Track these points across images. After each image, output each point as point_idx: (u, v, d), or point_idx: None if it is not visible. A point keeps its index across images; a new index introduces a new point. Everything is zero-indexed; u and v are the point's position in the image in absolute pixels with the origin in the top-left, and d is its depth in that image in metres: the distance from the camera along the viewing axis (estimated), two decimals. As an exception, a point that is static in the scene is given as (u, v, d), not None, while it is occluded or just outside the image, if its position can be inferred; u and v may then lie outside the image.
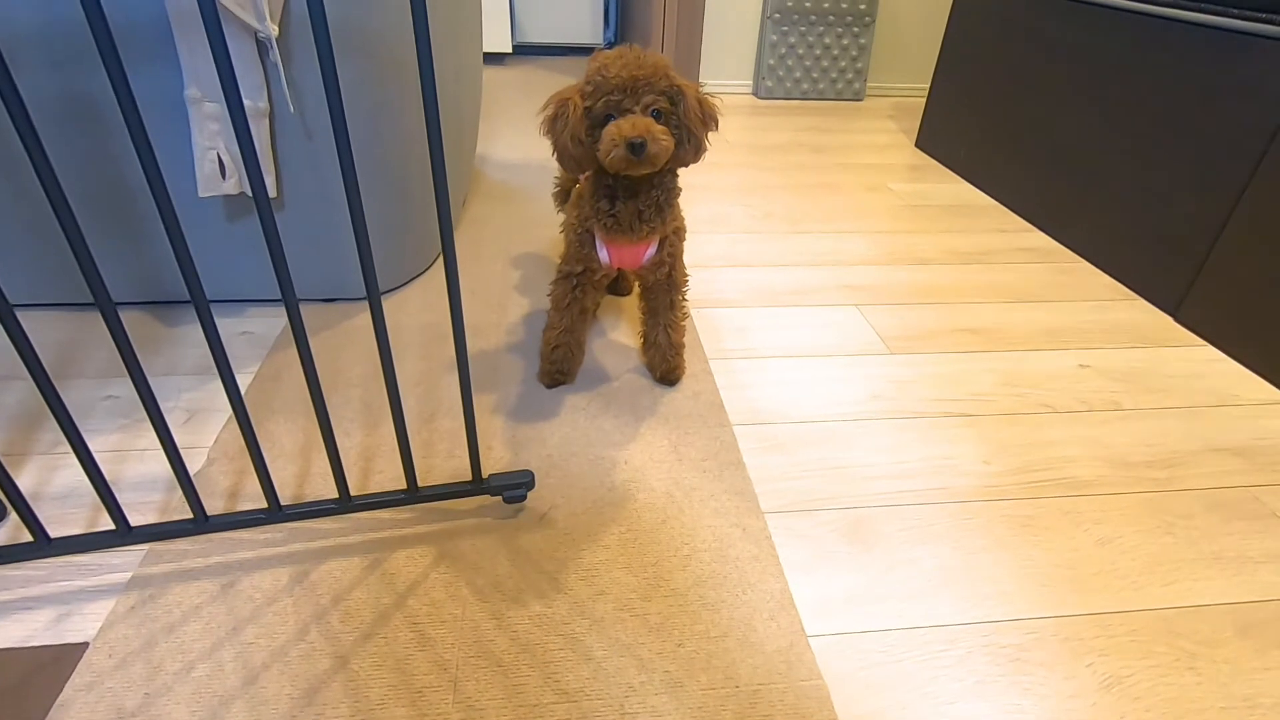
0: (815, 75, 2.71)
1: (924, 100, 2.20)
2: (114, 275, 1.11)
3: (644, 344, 1.06)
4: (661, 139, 0.79)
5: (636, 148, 0.77)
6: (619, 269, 1.00)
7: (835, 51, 2.67)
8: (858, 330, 1.22)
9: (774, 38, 2.62)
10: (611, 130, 0.78)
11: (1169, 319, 1.30)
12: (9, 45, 0.89)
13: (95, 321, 1.12)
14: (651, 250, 0.93)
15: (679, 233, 0.96)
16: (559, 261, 0.98)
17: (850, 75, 2.72)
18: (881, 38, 2.74)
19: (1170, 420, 1.03)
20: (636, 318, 1.09)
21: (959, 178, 1.98)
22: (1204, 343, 1.23)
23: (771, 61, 2.66)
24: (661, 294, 0.99)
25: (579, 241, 0.93)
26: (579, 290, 0.97)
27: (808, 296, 1.32)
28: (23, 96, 0.93)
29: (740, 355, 1.13)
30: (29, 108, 0.94)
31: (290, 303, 0.61)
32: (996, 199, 1.83)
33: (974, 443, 0.97)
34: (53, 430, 0.91)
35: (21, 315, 1.12)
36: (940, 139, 2.11)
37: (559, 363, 1.01)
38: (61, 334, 1.08)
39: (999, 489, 0.89)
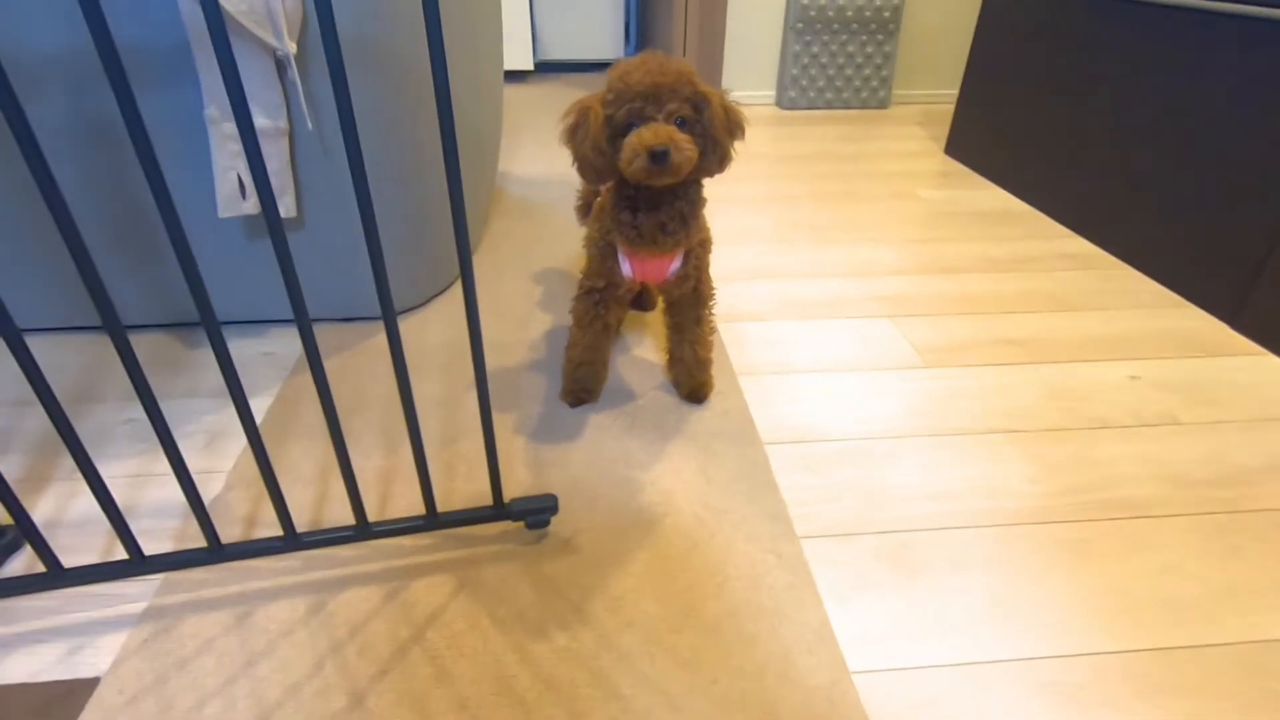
0: (839, 84, 2.67)
1: (952, 106, 2.15)
2: (138, 297, 1.11)
3: (670, 360, 1.03)
4: (685, 148, 0.76)
5: (659, 157, 0.74)
6: (642, 283, 0.97)
7: (859, 60, 2.63)
8: (891, 343, 1.17)
9: (797, 48, 2.59)
10: (633, 139, 0.75)
11: (1225, 326, 1.23)
12: (35, 70, 0.90)
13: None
14: (676, 263, 0.90)
15: (705, 244, 0.93)
16: (581, 277, 0.95)
17: (875, 83, 2.68)
18: (906, 45, 2.69)
19: (1232, 435, 0.96)
20: (661, 333, 1.06)
21: (991, 184, 1.93)
22: (1265, 351, 1.16)
23: (794, 72, 2.63)
24: (687, 308, 0.96)
25: (600, 255, 0.90)
26: (601, 306, 0.94)
27: (838, 308, 1.27)
28: (46, 120, 0.94)
29: (770, 370, 1.09)
30: (54, 131, 0.95)
31: (303, 325, 0.59)
32: (1032, 204, 1.77)
33: (1020, 461, 0.91)
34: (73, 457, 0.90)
35: (49, 339, 1.14)
36: (971, 145, 2.06)
37: (582, 381, 0.98)
38: (87, 357, 1.08)
39: (1049, 511, 0.84)
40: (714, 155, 0.81)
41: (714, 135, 0.79)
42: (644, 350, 1.14)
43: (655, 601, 0.71)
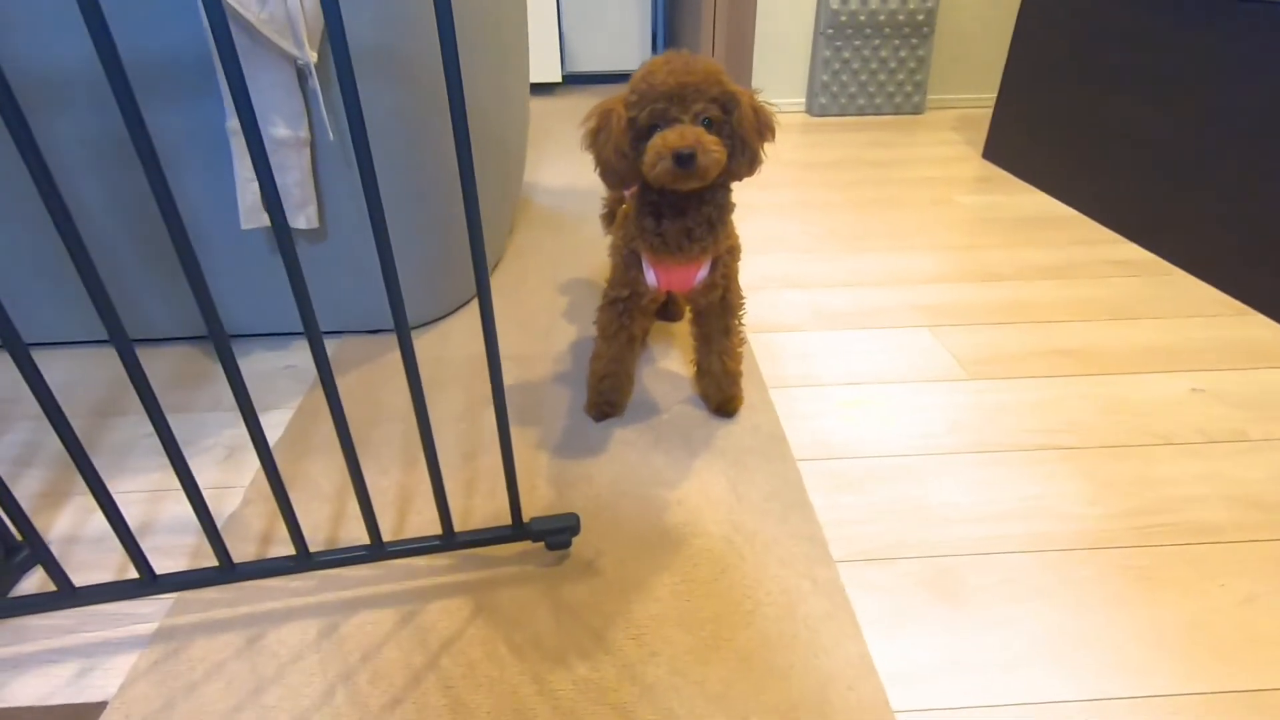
0: (871, 90, 2.61)
1: (989, 110, 2.09)
2: (163, 310, 1.11)
3: (698, 372, 0.99)
4: (713, 150, 0.72)
5: (684, 159, 0.70)
6: (668, 292, 0.93)
7: (893, 64, 2.57)
8: (931, 354, 1.11)
9: (827, 53, 2.54)
10: (657, 142, 0.72)
11: (1294, 335, 1.15)
12: (63, 84, 0.90)
13: (144, 357, 1.11)
14: (703, 271, 0.86)
15: (733, 252, 0.89)
16: (605, 286, 0.92)
17: (909, 88, 2.62)
18: (941, 48, 2.63)
19: (1310, 453, 0.89)
20: (688, 344, 1.02)
21: (1033, 188, 1.85)
22: (1340, 362, 1.07)
23: (825, 78, 2.58)
24: (715, 319, 0.92)
25: (625, 264, 0.87)
26: (626, 316, 0.90)
27: (874, 318, 1.22)
28: (74, 134, 0.94)
29: (803, 383, 1.05)
30: (82, 145, 0.95)
31: (314, 335, 0.57)
32: (1078, 209, 1.69)
33: (1076, 480, 0.85)
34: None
35: (79, 352, 1.14)
36: (1011, 148, 1.99)
37: (607, 394, 0.95)
38: (112, 371, 1.08)
39: (1110, 535, 0.78)
40: (743, 158, 0.77)
41: (743, 137, 0.76)
42: (670, 362, 1.10)
43: (682, 630, 0.67)
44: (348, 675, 0.63)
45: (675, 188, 0.76)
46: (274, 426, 0.96)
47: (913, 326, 1.19)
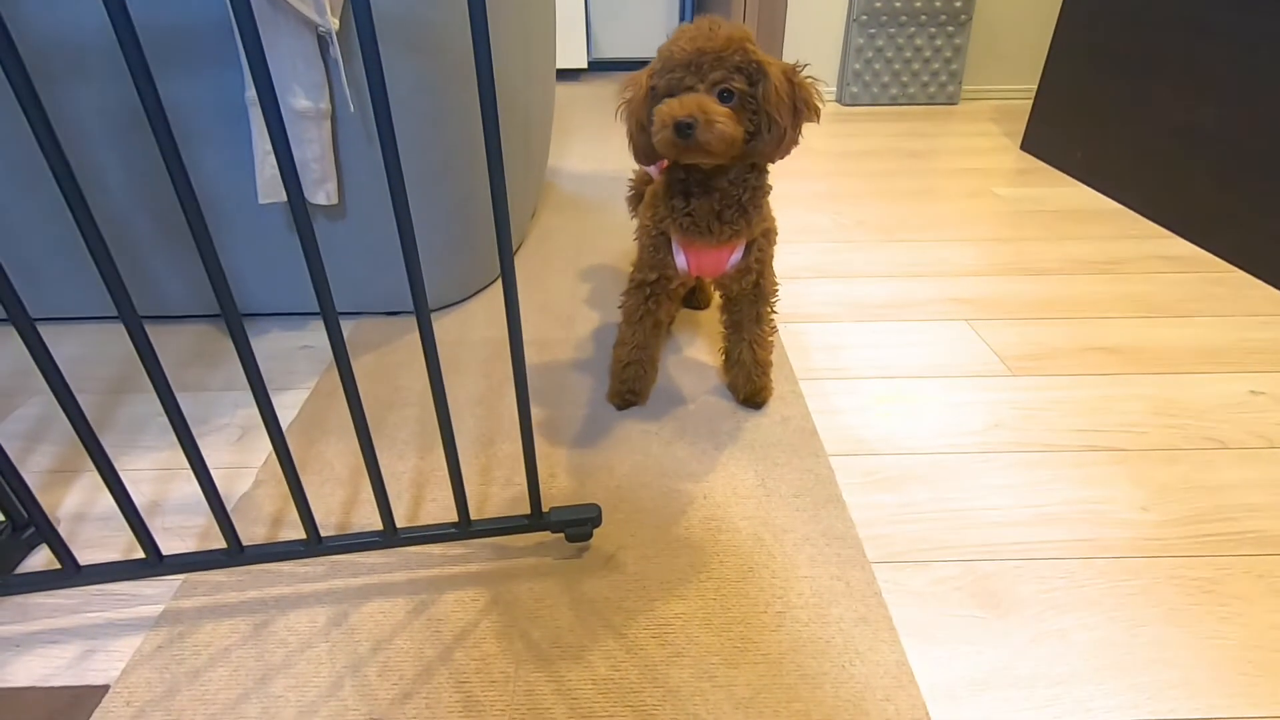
0: (905, 79, 2.54)
1: (1029, 101, 2.01)
2: (182, 288, 1.09)
3: (726, 361, 0.95)
4: (719, 122, 0.66)
5: (682, 129, 0.65)
6: (698, 277, 0.89)
7: (927, 53, 2.50)
8: (971, 348, 1.06)
9: (860, 41, 2.48)
10: (661, 110, 0.67)
11: (1360, 338, 1.08)
12: (78, 55, 0.88)
13: (161, 334, 1.10)
14: (736, 256, 0.82)
15: (768, 235, 0.84)
16: (631, 270, 0.88)
17: (944, 78, 2.54)
18: (978, 37, 2.55)
19: (1383, 462, 0.83)
20: (716, 332, 0.98)
21: (1075, 180, 1.78)
22: None
23: (857, 66, 2.52)
24: (747, 305, 0.88)
25: (653, 245, 0.83)
26: (652, 301, 0.87)
27: (909, 310, 1.17)
28: (92, 105, 0.92)
29: (834, 375, 1.00)
30: (97, 116, 0.93)
31: (329, 315, 0.53)
32: (1122, 203, 1.62)
33: (1127, 484, 0.80)
34: (107, 447, 0.87)
35: (92, 328, 1.13)
36: (1051, 140, 1.91)
37: (630, 382, 0.91)
38: (128, 346, 1.07)
39: (1165, 543, 0.73)
40: (769, 135, 0.71)
41: (770, 112, 0.70)
42: (697, 351, 1.06)
43: (708, 630, 0.63)
44: (357, 666, 0.60)
45: (691, 163, 0.72)
46: (288, 407, 0.94)
47: (951, 319, 1.14)
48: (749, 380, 0.91)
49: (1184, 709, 0.57)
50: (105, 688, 0.59)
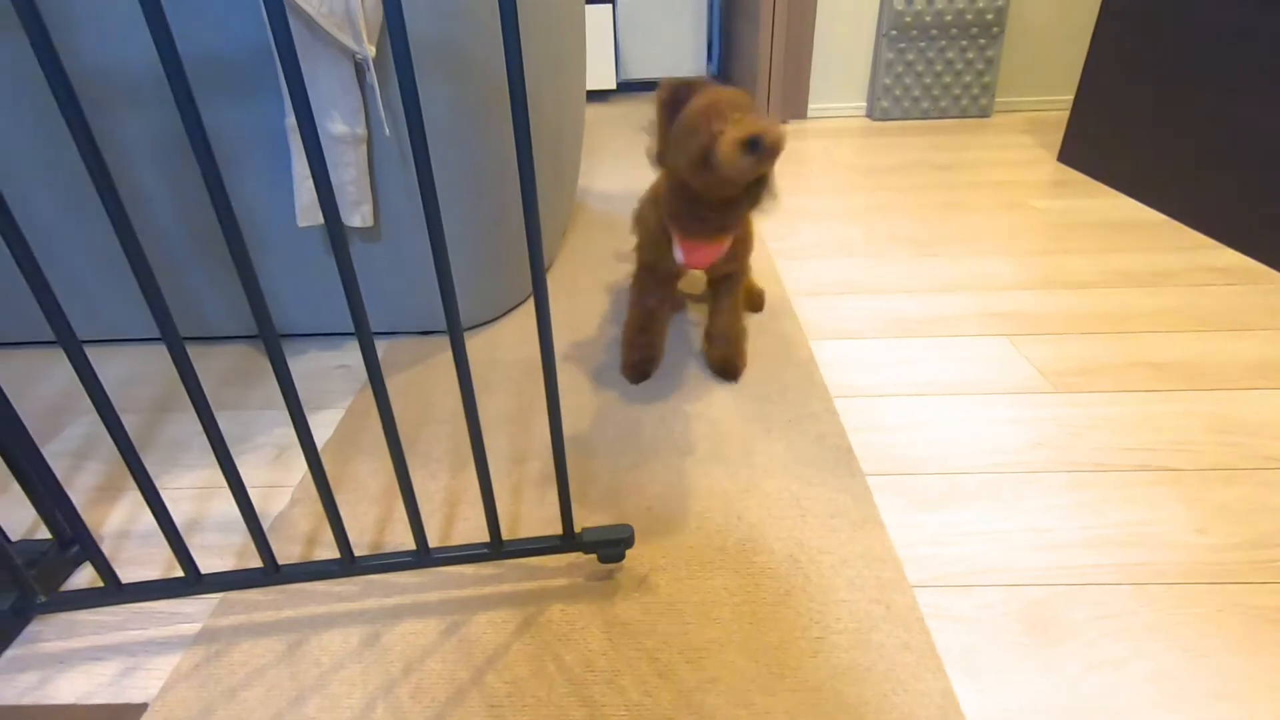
0: (936, 93, 2.52)
1: (1065, 112, 1.98)
2: (224, 310, 1.12)
3: (706, 337, 1.05)
4: (775, 128, 0.75)
5: (753, 144, 0.73)
6: (688, 268, 0.99)
7: (959, 66, 2.47)
8: (1011, 364, 1.03)
9: (890, 55, 2.46)
10: (731, 132, 0.75)
11: None
12: (131, 85, 0.91)
13: (202, 355, 1.13)
14: (724, 249, 0.94)
15: (749, 231, 0.98)
16: (637, 255, 1.01)
17: (976, 91, 2.51)
18: (1011, 49, 2.52)
19: None
20: (750, 369, 1.00)
21: (1116, 192, 1.74)
22: None
23: (887, 81, 2.50)
24: (727, 285, 1.00)
25: (654, 241, 0.95)
26: (654, 284, 1.00)
27: (945, 326, 1.15)
28: (141, 133, 0.95)
29: (869, 393, 0.98)
30: (147, 144, 0.96)
31: (364, 335, 0.54)
32: (1166, 213, 1.58)
33: (1181, 505, 0.77)
34: (150, 466, 0.89)
35: (140, 349, 1.16)
36: (1090, 151, 1.87)
37: (643, 349, 1.01)
38: (166, 368, 1.09)
39: (1225, 568, 0.69)
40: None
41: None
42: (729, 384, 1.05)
43: (743, 656, 0.62)
44: (389, 687, 0.60)
45: (713, 196, 0.83)
46: (324, 426, 0.95)
47: (990, 335, 1.11)
48: (725, 348, 1.01)
49: (1253, 747, 0.54)
50: (144, 705, 0.59)
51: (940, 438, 0.89)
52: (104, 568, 0.62)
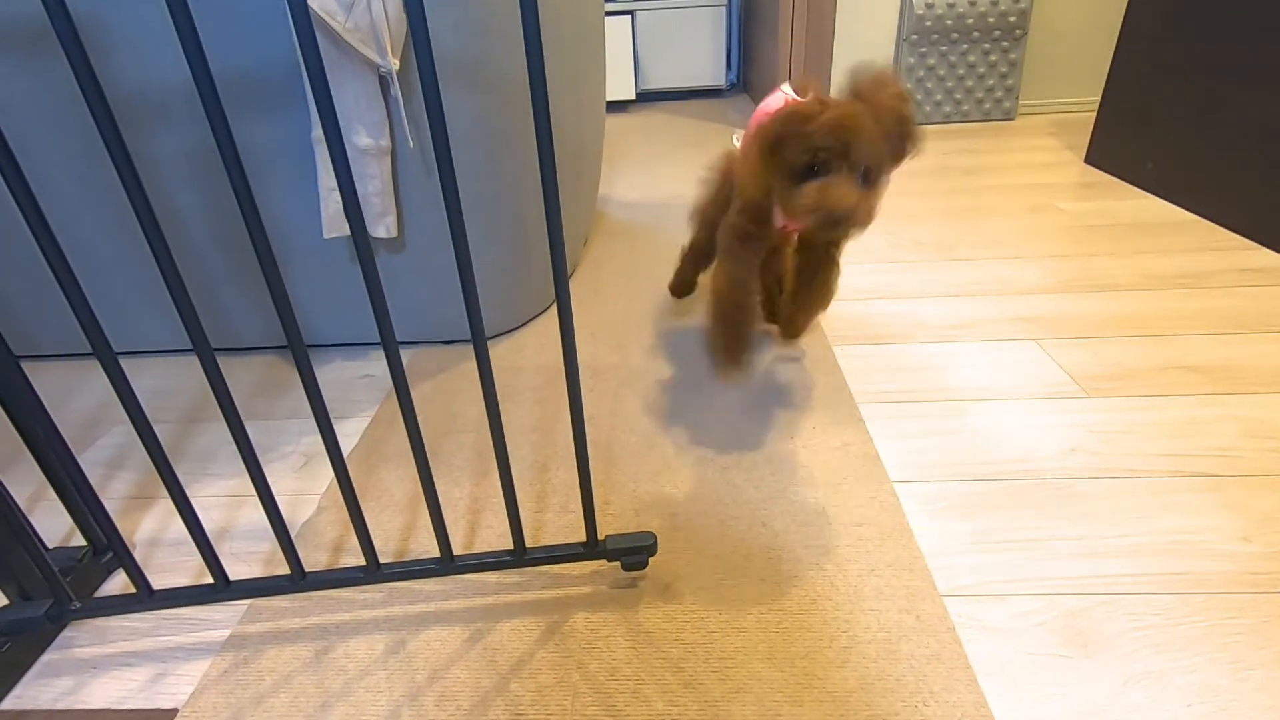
0: (959, 96, 2.49)
1: (1092, 113, 1.94)
2: (252, 321, 1.14)
3: (783, 299, 1.01)
4: (870, 214, 0.71)
5: (834, 222, 0.69)
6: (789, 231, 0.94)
7: (981, 70, 2.45)
8: (1041, 369, 1.01)
9: (911, 60, 2.44)
10: (810, 194, 0.70)
11: None
12: (161, 101, 0.94)
13: (231, 365, 1.15)
14: None
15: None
16: (732, 214, 0.90)
17: (999, 93, 2.48)
18: (1035, 50, 2.48)
19: None
20: (770, 372, 0.97)
21: (1145, 193, 1.70)
22: None
23: (909, 86, 2.48)
24: (824, 250, 0.93)
25: (757, 208, 0.85)
26: (755, 246, 0.91)
27: (972, 331, 1.13)
28: (173, 149, 0.98)
29: (895, 399, 0.97)
30: (179, 159, 0.98)
31: (389, 345, 0.54)
32: (1199, 214, 1.54)
33: (1224, 512, 0.74)
34: (180, 475, 0.91)
35: (171, 360, 1.19)
36: (1118, 151, 1.84)
37: (741, 326, 0.91)
38: (197, 379, 1.11)
39: (1273, 578, 0.67)
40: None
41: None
42: (749, 384, 1.04)
43: (769, 665, 0.61)
44: (414, 695, 0.60)
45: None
46: (350, 435, 0.96)
47: (1018, 339, 1.09)
48: (799, 311, 0.95)
49: (1306, 764, 0.52)
50: (174, 711, 0.60)
51: (969, 444, 0.87)
52: (136, 574, 0.63)
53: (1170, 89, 1.64)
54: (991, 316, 1.17)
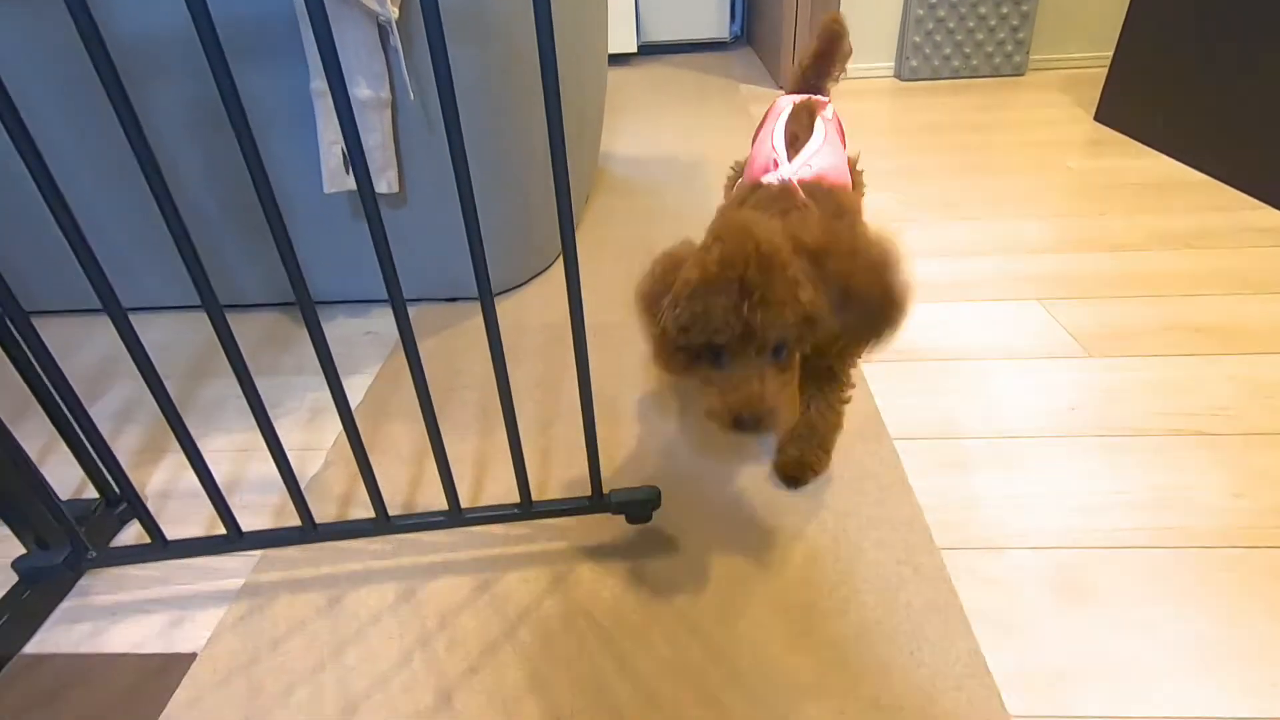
0: (968, 50, 2.43)
1: (1103, 69, 1.90)
2: (255, 278, 1.13)
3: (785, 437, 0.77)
4: (783, 408, 0.54)
5: (744, 424, 0.53)
6: None
7: (992, 22, 2.38)
8: (1043, 328, 1.01)
9: (920, 12, 2.38)
10: (713, 401, 0.55)
11: None
12: (160, 53, 0.91)
13: (234, 322, 1.14)
14: None
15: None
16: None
17: (1010, 48, 2.42)
18: (1047, 3, 2.42)
19: None
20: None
21: (1155, 151, 1.68)
22: None
23: (917, 39, 2.42)
24: (826, 362, 0.68)
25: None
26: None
27: (976, 290, 1.12)
28: (172, 102, 0.96)
29: (896, 357, 0.97)
30: (178, 110, 0.97)
31: (397, 299, 0.55)
32: (1208, 173, 1.52)
33: (1218, 470, 0.75)
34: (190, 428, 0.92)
35: (177, 316, 1.19)
36: (1129, 109, 1.80)
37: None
38: (207, 333, 1.11)
39: (1262, 532, 0.68)
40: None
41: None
42: (754, 333, 1.04)
43: (771, 614, 0.62)
44: (425, 640, 0.62)
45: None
46: (354, 390, 0.96)
47: (1020, 299, 1.09)
48: (801, 453, 0.75)
49: (1274, 706, 0.54)
50: (193, 655, 0.62)
51: (970, 402, 0.88)
52: (150, 524, 0.64)
53: (1183, 46, 1.60)
54: (996, 275, 1.16)
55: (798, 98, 0.89)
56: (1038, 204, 1.43)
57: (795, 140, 0.79)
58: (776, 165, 0.75)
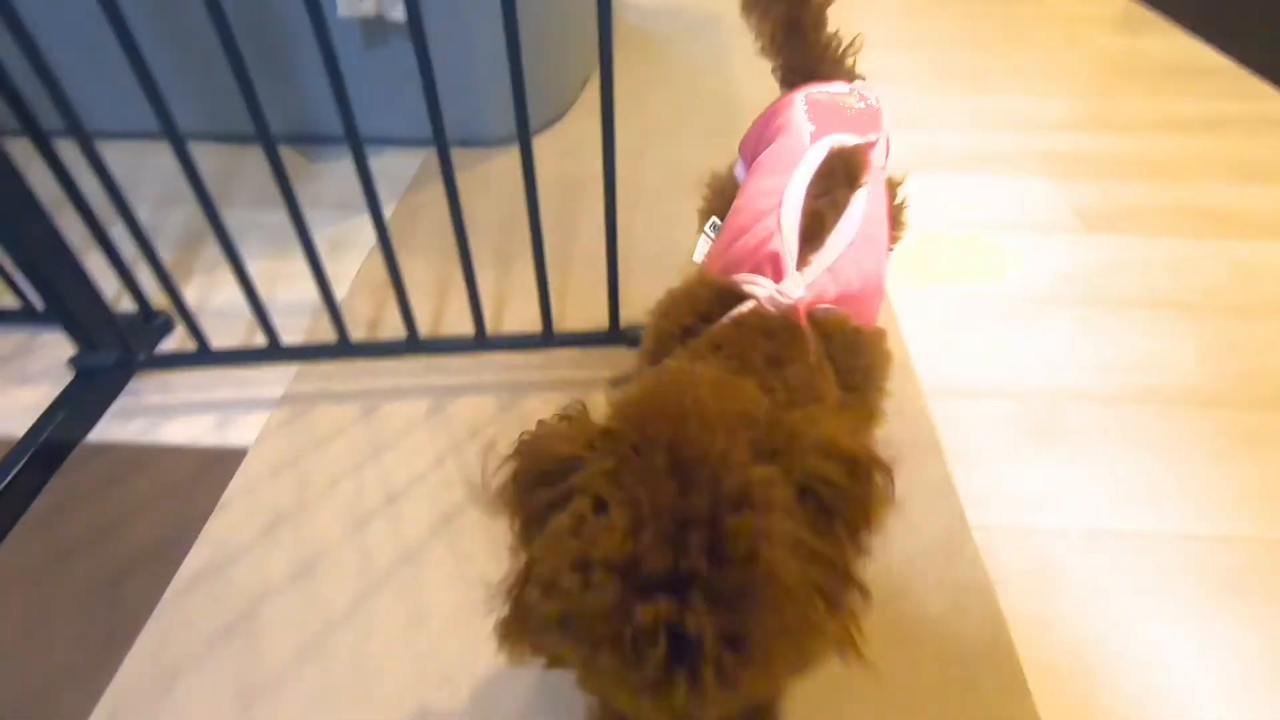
0: (1010, -91, 2.26)
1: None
2: (266, 110, 1.11)
3: None
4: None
5: None
6: None
7: (1040, -123, 2.20)
8: (1047, 203, 1.04)
9: None
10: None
11: None
12: None
13: (245, 154, 1.13)
14: None
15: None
16: None
17: (1054, -92, 2.25)
18: None
19: None
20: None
21: (1186, 32, 1.62)
22: None
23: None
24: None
25: None
26: None
27: (986, 164, 1.13)
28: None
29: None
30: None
31: (436, 123, 0.56)
32: (1234, 59, 1.48)
33: (1192, 339, 0.81)
34: (211, 252, 0.94)
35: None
36: (1168, -16, 1.72)
37: None
38: (214, 165, 1.11)
39: (1222, 395, 0.75)
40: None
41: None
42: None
43: (769, 438, 0.69)
44: (456, 447, 0.68)
45: None
46: (369, 229, 0.98)
47: (1030, 175, 1.10)
48: None
49: (1217, 529, 0.62)
50: (244, 450, 0.68)
51: (966, 264, 0.92)
52: (195, 332, 0.68)
53: (1240, -88, 1.51)
54: (1006, 150, 1.17)
55: (817, 90, 0.62)
56: (1060, 80, 1.40)
57: (818, 224, 0.49)
58: (777, 266, 0.47)
